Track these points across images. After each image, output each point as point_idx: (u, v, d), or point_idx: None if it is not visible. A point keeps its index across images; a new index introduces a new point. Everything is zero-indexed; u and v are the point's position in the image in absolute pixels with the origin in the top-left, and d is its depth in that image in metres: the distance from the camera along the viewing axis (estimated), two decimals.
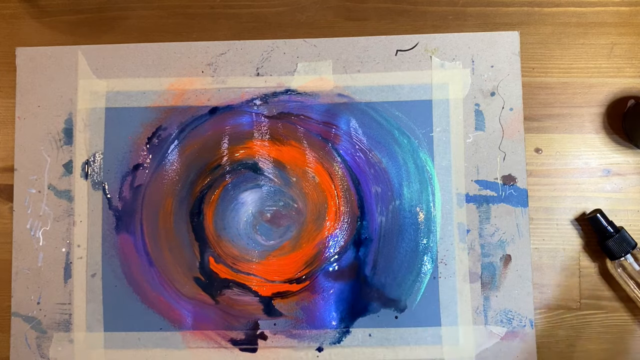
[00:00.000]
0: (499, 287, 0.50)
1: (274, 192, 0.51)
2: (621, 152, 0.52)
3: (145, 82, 0.52)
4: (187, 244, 0.51)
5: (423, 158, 0.51)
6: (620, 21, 0.53)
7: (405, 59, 0.52)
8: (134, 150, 0.51)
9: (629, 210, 0.52)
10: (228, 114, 0.52)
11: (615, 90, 0.53)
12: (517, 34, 0.51)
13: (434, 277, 0.50)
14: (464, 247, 0.50)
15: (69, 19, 0.53)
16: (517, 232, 0.50)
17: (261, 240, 0.51)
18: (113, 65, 0.52)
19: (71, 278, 0.51)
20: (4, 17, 0.54)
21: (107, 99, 0.52)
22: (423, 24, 0.52)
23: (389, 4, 0.53)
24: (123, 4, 0.53)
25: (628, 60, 0.53)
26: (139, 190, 0.51)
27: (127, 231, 0.50)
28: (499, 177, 0.51)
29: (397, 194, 0.51)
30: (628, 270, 0.48)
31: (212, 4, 0.53)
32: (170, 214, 0.51)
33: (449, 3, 0.53)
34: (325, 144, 0.51)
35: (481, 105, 0.51)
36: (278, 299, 0.50)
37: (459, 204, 0.51)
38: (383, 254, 0.50)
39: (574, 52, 0.53)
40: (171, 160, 0.51)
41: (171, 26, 0.53)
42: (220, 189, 0.51)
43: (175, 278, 0.50)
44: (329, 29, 0.53)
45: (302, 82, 0.52)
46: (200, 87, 0.52)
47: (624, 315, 0.51)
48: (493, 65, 0.51)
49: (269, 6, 0.53)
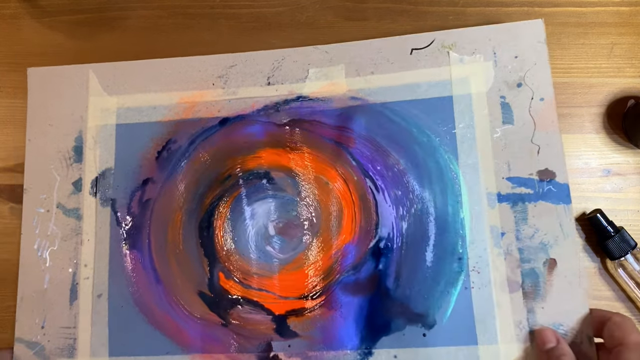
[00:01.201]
0: (545, 296, 0.51)
1: (287, 202, 0.56)
2: (621, 152, 0.59)
3: (156, 97, 0.60)
4: (196, 259, 0.56)
5: (445, 157, 0.55)
6: (621, 21, 0.61)
7: (421, 57, 0.58)
8: (144, 165, 0.59)
9: (629, 210, 0.57)
10: (238, 124, 0.58)
11: (615, 90, 0.60)
12: (541, 21, 0.56)
13: (466, 288, 0.52)
14: (499, 253, 0.52)
15: (69, 19, 0.66)
16: (561, 232, 0.52)
17: (273, 253, 0.55)
18: (124, 82, 0.61)
19: (77, 300, 0.57)
20: (4, 17, 0.66)
21: (117, 115, 0.60)
22: (423, 24, 0.60)
23: (389, 4, 0.61)
24: (123, 4, 0.63)
25: (628, 60, 0.60)
26: (147, 204, 0.57)
27: (135, 247, 0.56)
28: (535, 173, 0.54)
29: (418, 196, 0.54)
30: (628, 270, 0.54)
31: (212, 4, 0.62)
32: (179, 228, 0.56)
33: (449, 3, 0.60)
34: (339, 148, 0.56)
35: (507, 98, 0.55)
36: (292, 317, 0.54)
37: (490, 204, 0.53)
38: (406, 263, 0.53)
39: (574, 52, 0.61)
40: (181, 172, 0.58)
41: (171, 26, 0.62)
42: (231, 200, 0.57)
43: (183, 296, 0.55)
44: (329, 29, 0.62)
45: (313, 88, 0.59)
46: (211, 99, 0.60)
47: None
48: (517, 56, 0.56)
49: (269, 6, 0.61)
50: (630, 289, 0.55)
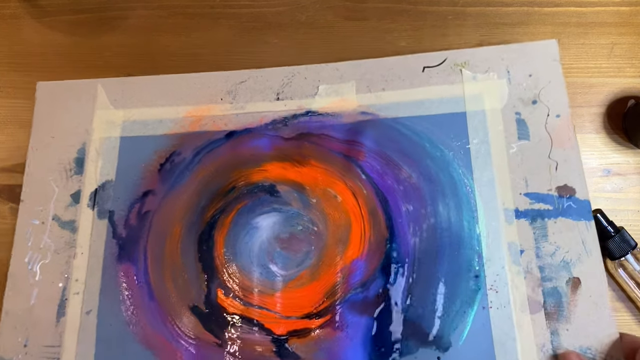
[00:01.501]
0: (570, 318, 0.49)
1: (292, 216, 0.56)
2: (621, 152, 0.60)
3: (163, 111, 0.62)
4: (193, 274, 0.55)
5: (460, 171, 0.55)
6: (621, 21, 0.64)
7: (433, 74, 0.59)
8: (146, 177, 0.59)
9: (629, 210, 0.58)
10: (245, 137, 0.59)
11: (616, 90, 0.61)
12: (556, 42, 0.57)
13: (483, 307, 0.50)
14: (518, 271, 0.51)
15: (69, 18, 0.69)
16: (584, 249, 0.51)
17: (276, 269, 0.54)
18: (131, 96, 0.63)
19: (64, 317, 0.55)
20: (4, 17, 0.69)
21: (122, 128, 0.62)
22: (423, 23, 0.63)
23: (389, 3, 0.63)
24: (123, 4, 0.66)
25: (628, 60, 0.62)
26: (146, 216, 0.57)
27: (130, 260, 0.56)
28: (554, 189, 0.54)
29: (431, 211, 0.53)
30: (628, 271, 0.55)
31: (212, 4, 0.65)
32: (177, 241, 0.56)
33: (449, 3, 0.63)
34: (349, 162, 0.56)
35: (523, 114, 0.56)
36: (294, 338, 0.52)
37: (508, 220, 0.53)
38: (419, 280, 0.51)
39: (574, 52, 0.63)
40: (183, 184, 0.58)
41: (171, 26, 0.65)
42: (234, 212, 0.56)
43: (177, 313, 0.53)
44: (329, 29, 0.65)
45: (323, 103, 0.60)
46: (219, 113, 0.61)
47: (624, 315, 0.55)
48: (531, 74, 0.57)
49: (269, 6, 0.64)
50: (630, 289, 0.55)
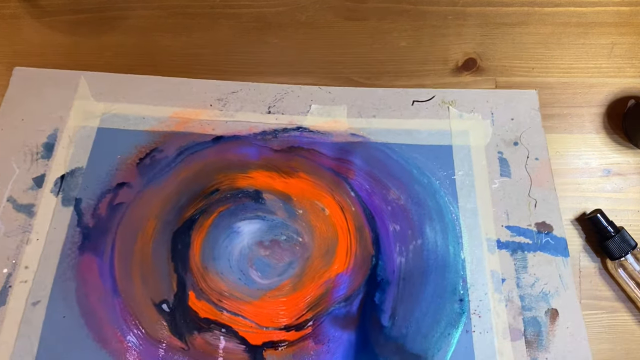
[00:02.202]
0: (549, 347, 0.50)
1: (276, 225, 0.54)
2: (621, 152, 0.62)
3: (147, 109, 0.60)
4: (164, 274, 0.51)
5: (446, 198, 0.56)
6: (621, 21, 0.68)
7: (422, 108, 0.62)
8: (122, 169, 0.56)
9: (629, 210, 0.59)
10: (233, 143, 0.58)
11: (616, 90, 0.64)
12: (535, 92, 0.62)
13: (467, 331, 0.50)
14: (500, 298, 0.51)
15: (69, 18, 0.67)
16: (561, 283, 0.52)
17: (256, 277, 0.52)
18: (116, 92, 0.61)
19: (4, 305, 0.49)
20: (4, 17, 0.67)
21: (102, 120, 0.59)
22: (423, 23, 0.64)
23: (389, 3, 0.66)
24: (123, 4, 0.65)
25: (628, 60, 0.66)
26: (118, 208, 0.53)
27: (94, 251, 0.51)
28: (533, 224, 0.56)
29: (418, 232, 0.54)
30: (628, 271, 0.55)
31: (212, 4, 0.64)
32: (150, 238, 0.52)
33: (449, 3, 0.65)
34: (338, 178, 0.57)
35: (505, 153, 0.59)
36: (270, 350, 0.49)
37: (490, 249, 0.54)
38: (404, 299, 0.51)
39: (574, 52, 0.66)
40: (163, 180, 0.56)
41: (171, 26, 0.64)
42: (215, 214, 0.54)
43: (143, 313, 0.49)
44: (329, 29, 0.67)
45: (314, 122, 0.60)
46: (207, 118, 0.59)
47: (624, 315, 0.55)
48: (513, 118, 0.61)
49: (269, 6, 0.65)
50: (630, 289, 0.56)
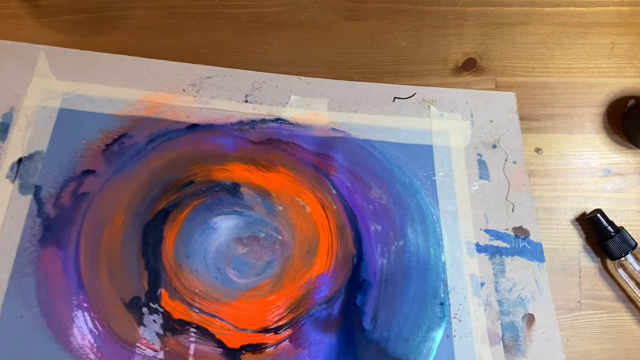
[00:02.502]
0: (526, 352, 0.50)
1: (255, 221, 0.52)
2: (621, 152, 0.63)
3: (114, 91, 0.56)
4: (134, 271, 0.48)
5: (427, 199, 0.56)
6: (621, 21, 0.68)
7: (403, 105, 0.61)
8: (88, 155, 0.52)
9: (629, 210, 0.60)
10: (209, 132, 0.55)
11: (616, 90, 0.65)
12: (513, 94, 0.62)
13: (448, 335, 0.50)
14: (479, 302, 0.51)
15: (69, 18, 0.62)
16: (537, 288, 0.53)
17: (234, 276, 0.49)
18: (80, 70, 0.57)
19: None
20: (4, 17, 0.62)
21: (63, 100, 0.55)
22: (423, 23, 0.64)
23: (389, 4, 0.65)
24: (123, 4, 0.63)
25: (628, 60, 0.66)
26: (83, 198, 0.50)
27: (57, 244, 0.47)
28: (510, 229, 0.56)
29: (400, 233, 0.53)
30: (628, 270, 0.56)
31: (212, 4, 0.62)
32: (119, 232, 0.49)
33: (449, 3, 0.65)
34: (319, 174, 0.55)
35: (484, 156, 0.59)
36: (249, 354, 0.47)
37: (469, 253, 0.54)
38: (385, 302, 0.50)
39: (575, 52, 0.66)
40: (132, 170, 0.52)
41: (171, 26, 0.61)
42: (190, 208, 0.51)
43: (111, 313, 0.46)
44: (329, 29, 0.65)
45: (294, 114, 0.58)
46: (180, 104, 0.56)
47: (624, 315, 0.56)
48: (492, 120, 0.61)
49: (269, 6, 0.63)
50: (630, 289, 0.56)
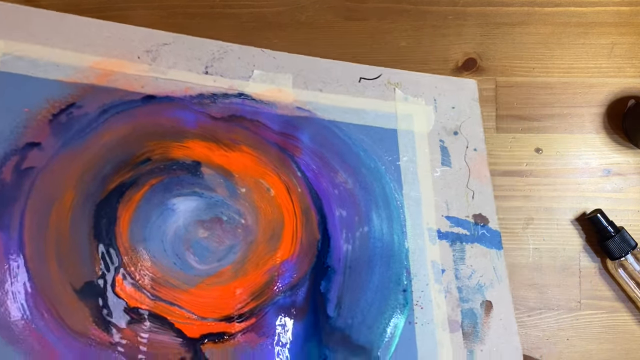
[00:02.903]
0: (484, 339, 0.52)
1: (216, 203, 0.49)
2: (621, 152, 0.63)
3: (62, 54, 0.52)
4: (85, 254, 0.45)
5: (391, 185, 0.55)
6: (621, 21, 0.68)
7: (369, 87, 0.59)
8: (31, 126, 0.48)
9: (629, 210, 0.62)
10: (166, 105, 0.52)
11: (616, 90, 0.65)
12: (475, 82, 0.62)
13: (410, 322, 0.50)
14: (440, 289, 0.52)
15: None
16: (495, 276, 0.54)
17: (194, 262, 0.47)
18: (19, 27, 0.51)
19: None
20: None
21: (1, 62, 0.48)
22: (423, 23, 0.63)
23: (389, 4, 0.63)
24: (123, 4, 0.60)
25: (628, 60, 0.66)
26: (28, 173, 0.45)
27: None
28: (470, 216, 0.57)
29: (365, 219, 0.52)
30: (628, 271, 0.57)
31: (212, 4, 0.61)
32: (67, 211, 0.45)
33: (449, 3, 0.64)
34: (284, 154, 0.53)
35: (446, 142, 0.59)
36: (210, 343, 0.45)
37: (431, 240, 0.54)
38: (350, 288, 0.50)
39: (575, 52, 0.66)
40: (82, 143, 0.48)
41: (171, 26, 0.60)
42: (146, 187, 0.48)
43: (61, 300, 0.43)
44: (329, 29, 0.63)
45: (257, 89, 0.56)
46: (134, 73, 0.53)
47: (624, 315, 0.58)
48: (454, 107, 0.60)
49: (269, 6, 0.63)
50: (630, 289, 0.57)
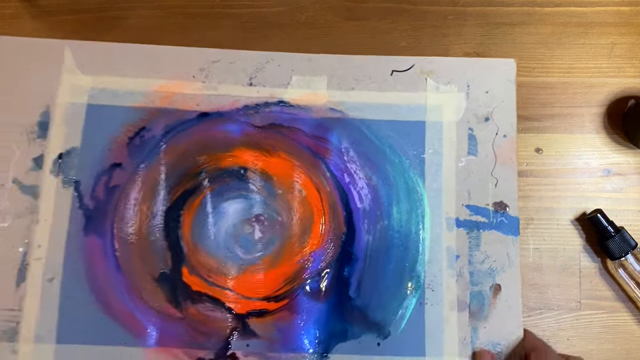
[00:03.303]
0: (488, 317, 0.58)
1: (259, 204, 0.60)
2: (621, 152, 0.65)
3: (133, 82, 0.62)
4: (160, 252, 0.58)
5: (414, 179, 0.61)
6: (621, 21, 0.68)
7: (400, 80, 0.63)
8: (114, 149, 0.60)
9: (629, 210, 0.63)
10: (217, 120, 0.61)
11: (616, 90, 0.66)
12: (513, 61, 0.63)
13: (420, 303, 0.58)
14: (452, 274, 0.59)
15: (69, 19, 0.67)
16: (508, 261, 0.59)
17: (240, 253, 0.59)
18: (100, 63, 0.63)
19: (25, 282, 0.57)
20: (4, 17, 0.67)
21: (90, 95, 0.62)
22: (423, 23, 0.65)
23: (389, 4, 0.66)
24: (123, 4, 0.65)
25: (628, 60, 0.67)
26: (114, 190, 0.59)
27: (97, 233, 0.58)
28: (491, 204, 0.61)
29: (386, 213, 0.60)
30: (628, 270, 0.59)
31: (212, 4, 0.65)
32: (145, 219, 0.58)
33: (449, 3, 0.66)
34: (315, 158, 0.61)
35: (475, 130, 0.62)
36: (253, 318, 0.57)
37: (449, 228, 0.60)
38: (368, 274, 0.58)
39: (575, 52, 0.67)
40: (152, 162, 0.60)
41: (171, 26, 0.64)
42: (202, 195, 0.59)
43: (144, 287, 0.57)
44: (329, 29, 0.67)
45: (295, 95, 0.63)
46: (190, 92, 0.62)
47: (624, 315, 0.61)
48: (488, 91, 0.63)
49: (269, 6, 0.66)
50: (630, 289, 0.59)
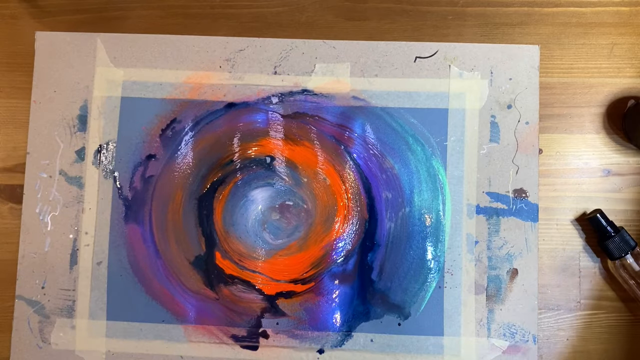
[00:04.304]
0: (504, 300, 0.61)
1: (285, 192, 0.63)
2: (621, 152, 0.65)
3: (162, 74, 0.65)
4: (194, 238, 0.62)
5: (436, 166, 0.62)
6: (621, 21, 0.66)
7: (424, 66, 0.64)
8: (148, 141, 0.63)
9: (629, 210, 0.64)
10: (243, 111, 0.63)
11: (616, 90, 0.66)
12: (538, 48, 0.63)
13: (440, 287, 0.61)
14: (471, 259, 0.61)
15: (69, 19, 0.69)
16: (526, 246, 0.61)
17: (269, 238, 0.62)
18: (131, 55, 0.65)
19: (77, 265, 0.62)
20: (4, 17, 0.69)
21: (123, 88, 0.64)
22: (423, 23, 0.65)
23: (389, 4, 0.66)
24: (123, 4, 0.68)
25: (628, 60, 0.66)
26: (150, 181, 0.63)
27: (136, 221, 0.62)
28: (511, 191, 0.62)
29: (407, 200, 0.62)
30: (628, 270, 0.60)
31: (212, 4, 0.66)
32: (179, 207, 0.62)
33: (449, 3, 0.65)
34: (339, 147, 0.63)
35: (497, 117, 0.63)
36: (282, 299, 0.62)
37: (469, 214, 0.62)
38: (390, 259, 0.62)
39: (574, 52, 0.66)
40: (184, 153, 0.63)
41: (171, 26, 0.67)
42: (231, 184, 0.63)
43: (181, 271, 0.62)
44: (329, 29, 0.68)
45: (319, 83, 0.64)
46: (217, 82, 0.64)
47: (624, 315, 0.63)
48: (512, 78, 0.63)
49: (269, 6, 0.67)
50: (630, 288, 0.60)
